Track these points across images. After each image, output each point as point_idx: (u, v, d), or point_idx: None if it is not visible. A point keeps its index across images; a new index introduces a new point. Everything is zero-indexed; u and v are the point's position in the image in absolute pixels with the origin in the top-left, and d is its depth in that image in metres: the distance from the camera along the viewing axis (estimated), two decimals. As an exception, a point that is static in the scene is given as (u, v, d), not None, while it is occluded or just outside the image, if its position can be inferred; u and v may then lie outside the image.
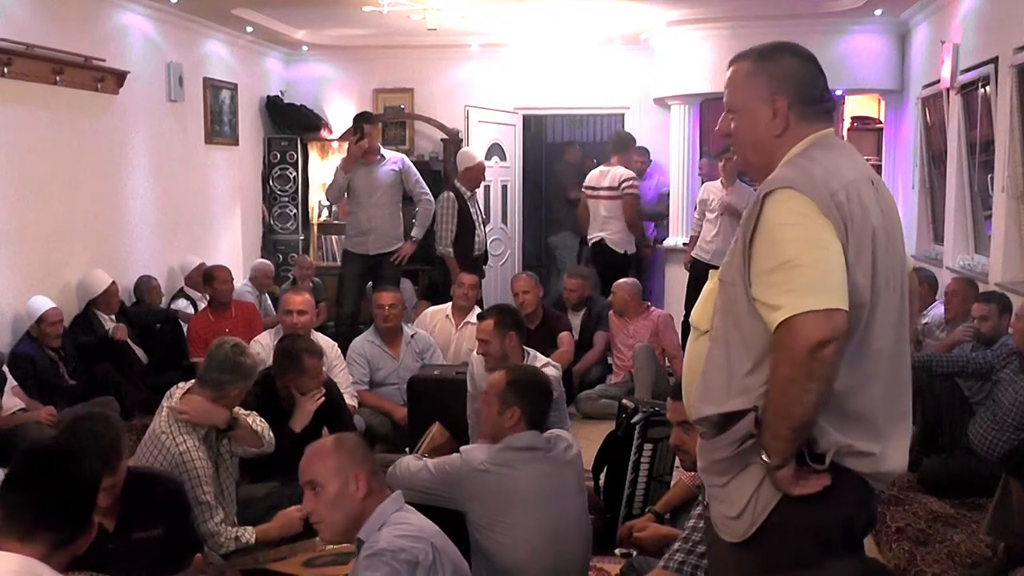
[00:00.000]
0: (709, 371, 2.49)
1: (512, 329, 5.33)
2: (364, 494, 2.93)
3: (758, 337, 2.38)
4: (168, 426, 4.31)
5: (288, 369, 5.13)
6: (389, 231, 8.48)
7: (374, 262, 8.47)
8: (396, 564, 2.68)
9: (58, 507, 2.33)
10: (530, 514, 3.81)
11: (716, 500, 2.53)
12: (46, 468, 2.37)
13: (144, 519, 3.65)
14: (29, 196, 7.06)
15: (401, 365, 6.92)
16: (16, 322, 6.90)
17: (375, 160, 8.38)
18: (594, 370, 8.22)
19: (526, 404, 3.99)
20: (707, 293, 2.63)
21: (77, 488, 2.39)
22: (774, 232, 2.34)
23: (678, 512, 4.46)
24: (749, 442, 2.38)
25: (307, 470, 3.01)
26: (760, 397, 2.38)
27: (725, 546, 2.52)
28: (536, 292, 7.77)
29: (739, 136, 2.61)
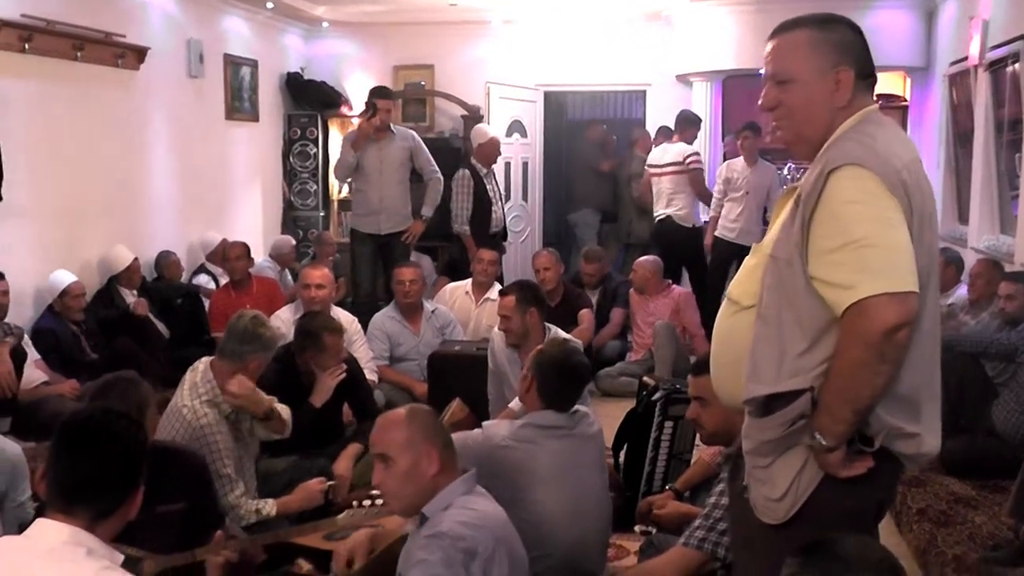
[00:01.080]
0: (759, 350, 2.43)
1: (533, 305, 5.32)
2: (436, 470, 2.89)
3: (814, 316, 2.33)
4: (190, 399, 4.33)
5: (308, 346, 5.14)
6: (400, 209, 8.35)
7: (384, 241, 8.33)
8: (453, 552, 2.64)
9: (90, 482, 2.30)
10: (551, 490, 3.80)
11: (758, 482, 2.48)
12: (77, 442, 2.35)
13: (167, 493, 3.66)
14: (50, 172, 7.08)
15: (421, 341, 6.92)
16: (38, 297, 6.94)
17: (385, 136, 8.21)
18: (613, 347, 8.21)
19: (539, 376, 3.97)
20: (750, 268, 2.58)
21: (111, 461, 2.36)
22: (840, 210, 2.28)
23: (698, 490, 4.45)
24: (800, 423, 2.34)
25: (379, 442, 2.95)
26: (816, 378, 2.34)
27: (758, 528, 2.49)
28: (557, 269, 7.76)
29: (792, 108, 2.49)
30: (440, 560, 2.62)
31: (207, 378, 4.40)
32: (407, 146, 8.31)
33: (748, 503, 2.52)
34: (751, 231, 8.99)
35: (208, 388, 4.37)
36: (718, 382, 2.67)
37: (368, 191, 8.25)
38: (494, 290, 7.45)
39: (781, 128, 2.56)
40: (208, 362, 4.47)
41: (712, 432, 3.63)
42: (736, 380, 2.51)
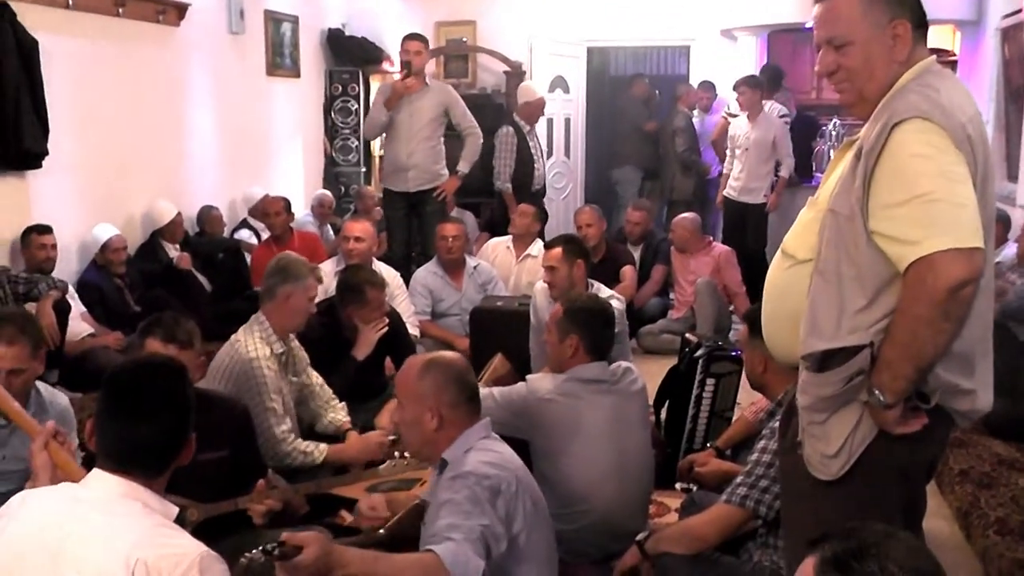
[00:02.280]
0: (817, 305, 2.41)
1: (580, 257, 5.33)
2: (435, 427, 2.89)
3: (875, 272, 2.30)
4: (244, 334, 4.43)
5: (350, 300, 5.15)
6: (430, 166, 7.88)
7: (416, 199, 7.92)
8: (479, 489, 2.65)
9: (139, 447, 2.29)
10: (594, 445, 3.80)
11: (813, 438, 2.46)
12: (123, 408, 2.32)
13: (210, 440, 3.67)
14: (93, 128, 7.11)
15: (464, 296, 6.92)
16: (83, 251, 7.01)
17: (419, 88, 7.77)
18: (655, 305, 8.18)
19: (583, 331, 3.96)
20: (806, 221, 2.55)
21: (158, 422, 2.33)
22: (906, 164, 2.23)
23: (739, 448, 4.43)
24: (858, 379, 2.31)
25: (397, 383, 3.02)
26: (875, 334, 2.31)
27: (808, 484, 2.48)
28: (600, 226, 7.71)
29: (852, 71, 2.44)
30: (466, 498, 2.62)
31: (259, 320, 4.51)
32: (441, 100, 7.89)
33: (799, 459, 2.50)
34: (751, 188, 8.92)
35: (261, 329, 4.47)
36: (771, 336, 2.65)
37: (397, 147, 7.87)
38: (535, 246, 7.44)
39: (842, 91, 2.51)
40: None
41: (749, 380, 3.74)
42: (791, 335, 2.49)
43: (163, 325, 3.61)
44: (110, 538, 2.15)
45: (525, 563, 2.74)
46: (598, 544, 3.82)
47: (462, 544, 2.47)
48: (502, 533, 2.64)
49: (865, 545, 1.56)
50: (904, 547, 1.57)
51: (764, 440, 3.42)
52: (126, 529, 2.18)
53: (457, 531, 2.51)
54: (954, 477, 4.72)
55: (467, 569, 2.43)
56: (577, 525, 3.76)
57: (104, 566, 2.11)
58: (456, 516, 2.57)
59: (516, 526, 2.71)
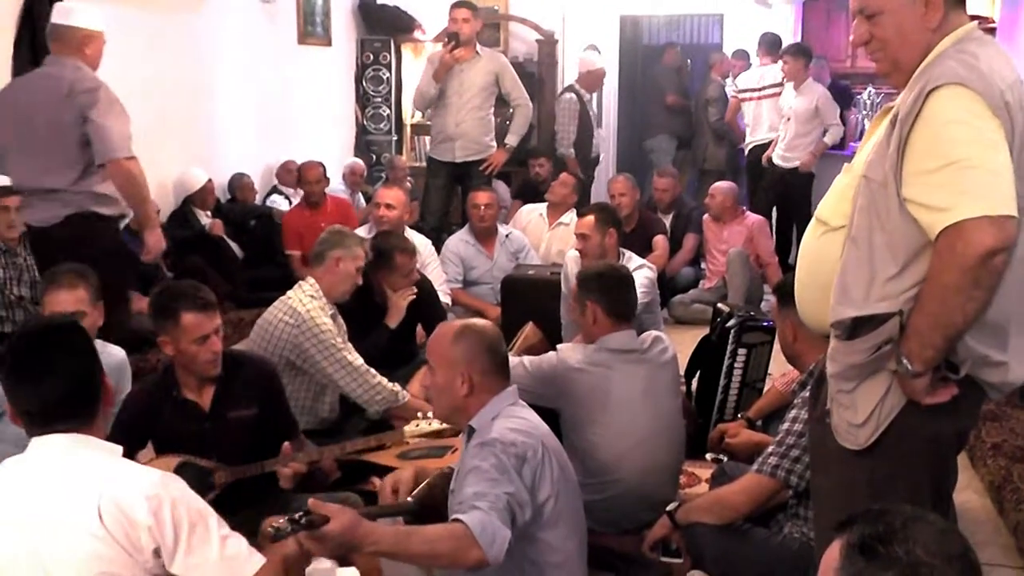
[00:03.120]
0: (848, 272, 2.38)
1: (612, 225, 5.32)
2: (466, 393, 2.89)
3: (906, 240, 2.27)
4: (295, 292, 4.58)
5: (380, 265, 5.17)
6: (478, 137, 7.74)
7: (461, 171, 7.80)
8: (505, 457, 2.65)
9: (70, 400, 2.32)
10: (624, 415, 3.79)
11: (841, 406, 2.44)
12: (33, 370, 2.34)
13: (239, 399, 3.73)
14: (125, 95, 7.09)
15: (495, 265, 6.93)
16: (115, 217, 7.03)
17: (469, 56, 7.63)
18: (686, 275, 8.15)
19: (599, 295, 3.95)
20: (841, 188, 2.53)
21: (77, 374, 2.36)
22: (941, 130, 2.20)
23: (770, 419, 4.42)
24: (887, 348, 2.29)
25: (429, 348, 3.02)
26: (906, 302, 2.29)
27: (837, 454, 2.46)
28: (633, 195, 7.67)
29: (885, 40, 2.41)
30: (493, 466, 2.63)
31: (310, 282, 4.64)
32: (492, 69, 7.73)
33: (829, 428, 2.49)
34: (788, 157, 8.84)
35: (313, 289, 4.59)
36: (803, 303, 2.63)
37: (445, 116, 7.70)
38: (568, 215, 7.43)
39: (877, 61, 2.48)
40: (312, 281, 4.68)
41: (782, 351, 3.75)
42: (822, 302, 2.47)
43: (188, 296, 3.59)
44: (71, 490, 2.20)
45: (552, 529, 2.75)
46: (628, 514, 3.82)
47: (489, 513, 2.47)
48: (527, 501, 2.64)
49: (892, 529, 1.54)
50: (932, 530, 1.55)
51: (795, 410, 3.41)
52: (84, 473, 2.23)
53: (484, 499, 2.52)
54: (986, 450, 4.68)
55: (495, 538, 2.44)
56: (607, 495, 3.76)
57: (75, 518, 2.16)
58: (482, 484, 2.57)
59: (542, 493, 2.72)
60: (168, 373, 3.68)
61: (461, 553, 2.42)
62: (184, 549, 2.21)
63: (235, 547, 2.28)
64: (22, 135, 4.77)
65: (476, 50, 7.72)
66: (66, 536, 2.16)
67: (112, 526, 2.15)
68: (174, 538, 2.20)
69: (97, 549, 2.15)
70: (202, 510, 2.28)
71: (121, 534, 2.16)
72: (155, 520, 2.18)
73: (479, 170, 7.72)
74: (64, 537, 2.16)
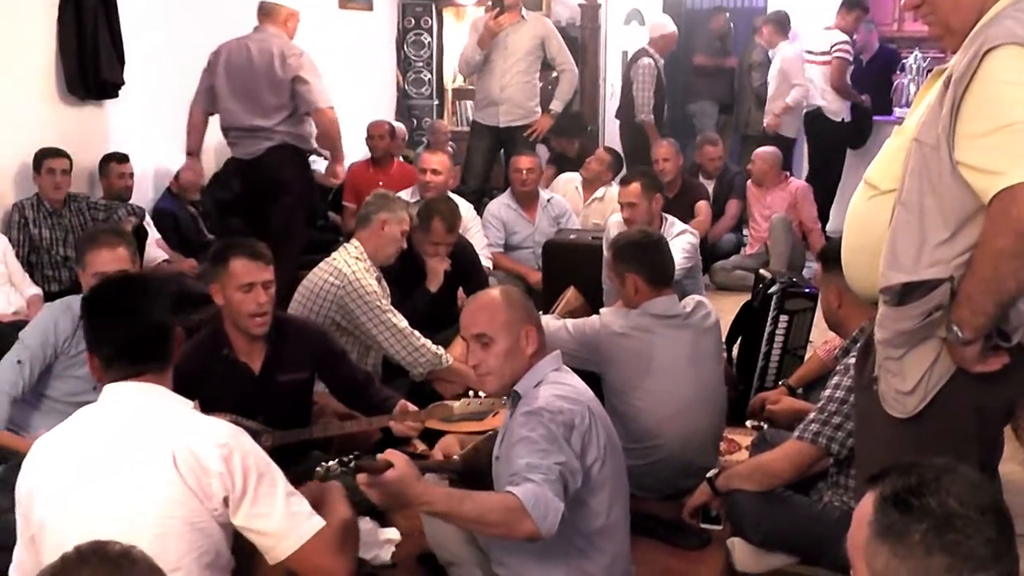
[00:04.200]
0: (898, 237, 2.34)
1: (657, 191, 5.32)
2: (534, 349, 2.87)
3: (958, 204, 2.23)
4: (339, 255, 4.63)
5: (419, 227, 5.19)
6: (523, 102, 7.63)
7: (505, 136, 7.70)
8: (553, 427, 2.63)
9: (149, 343, 2.39)
10: (666, 380, 3.78)
11: (889, 374, 2.41)
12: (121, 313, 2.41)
13: (290, 363, 3.77)
14: (168, 59, 7.16)
15: (537, 229, 6.91)
16: (158, 180, 7.14)
17: (515, 20, 7.53)
18: (728, 241, 8.11)
19: (637, 265, 3.93)
20: (891, 150, 2.48)
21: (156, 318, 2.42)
22: (996, 91, 2.15)
23: (811, 386, 4.39)
24: (936, 314, 2.26)
25: (475, 323, 2.92)
26: (957, 268, 2.25)
27: (884, 422, 2.43)
28: (677, 160, 7.63)
29: (936, 3, 2.36)
30: (542, 436, 2.61)
31: (354, 244, 4.69)
32: (538, 33, 7.62)
33: (875, 396, 2.46)
34: None
35: (358, 251, 4.64)
36: (850, 268, 2.60)
37: (490, 80, 7.62)
38: (602, 190, 7.41)
39: (929, 24, 2.43)
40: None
41: (824, 318, 3.73)
42: (871, 267, 2.43)
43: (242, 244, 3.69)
44: (146, 436, 2.24)
45: (598, 493, 2.74)
46: (669, 479, 3.82)
47: (542, 486, 2.47)
48: (578, 468, 2.64)
49: (924, 481, 1.53)
50: (965, 482, 1.54)
51: (838, 377, 3.38)
52: (159, 421, 2.28)
53: (536, 471, 2.51)
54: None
55: (547, 512, 2.43)
56: (648, 460, 3.76)
57: (149, 463, 2.20)
58: (533, 455, 2.56)
59: (589, 458, 2.71)
60: (218, 332, 3.72)
61: (513, 525, 2.42)
62: (250, 499, 2.23)
63: (298, 505, 2.29)
64: (237, 86, 6.04)
65: (521, 14, 7.66)
66: (141, 480, 2.19)
67: (185, 472, 2.19)
68: (242, 487, 2.22)
69: (170, 494, 2.19)
70: (270, 464, 2.31)
71: (193, 480, 2.19)
72: (226, 468, 2.20)
73: (523, 136, 7.65)
74: (139, 481, 2.19)
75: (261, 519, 2.25)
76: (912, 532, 1.49)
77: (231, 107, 6.08)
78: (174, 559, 2.18)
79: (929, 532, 1.48)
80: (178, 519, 2.20)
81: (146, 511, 2.19)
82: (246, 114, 6.03)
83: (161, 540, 2.17)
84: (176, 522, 2.20)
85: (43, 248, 5.87)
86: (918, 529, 1.49)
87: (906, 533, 1.49)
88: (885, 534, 1.52)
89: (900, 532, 1.50)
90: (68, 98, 6.35)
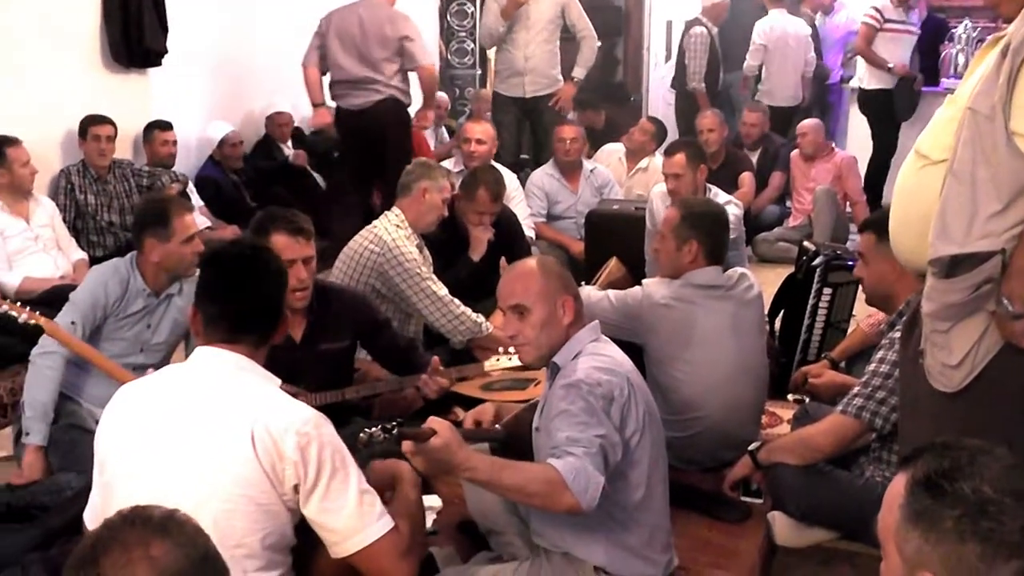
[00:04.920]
0: (949, 208, 2.29)
1: (702, 162, 5.29)
2: (571, 320, 2.85)
3: (1013, 175, 2.18)
4: (381, 222, 4.64)
5: (462, 195, 5.18)
6: (547, 71, 7.61)
7: (531, 106, 7.65)
8: (592, 400, 2.61)
9: (255, 312, 2.39)
10: (709, 352, 3.75)
11: (936, 347, 2.37)
12: (238, 275, 2.42)
13: (331, 331, 3.78)
14: (211, 28, 7.20)
15: (579, 199, 6.88)
16: (200, 148, 7.18)
17: None
18: (771, 212, 8.05)
19: (703, 236, 3.88)
20: (944, 120, 2.43)
21: (269, 291, 2.44)
22: None
23: (854, 360, 4.36)
24: (986, 287, 2.22)
25: (512, 294, 2.89)
26: (1008, 240, 2.20)
27: (929, 396, 2.39)
28: (721, 131, 7.59)
29: None
30: (581, 409, 2.59)
31: (395, 211, 4.70)
32: (558, 1, 7.57)
33: (920, 369, 2.43)
34: None
35: (398, 219, 4.65)
36: (898, 239, 2.56)
37: (513, 50, 7.58)
38: (646, 160, 7.37)
39: None
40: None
41: (869, 293, 3.65)
42: (920, 238, 2.38)
43: (284, 218, 3.68)
44: (229, 410, 2.23)
45: (638, 466, 2.73)
46: (710, 452, 3.80)
47: (582, 459, 2.45)
48: (618, 442, 2.62)
49: (958, 464, 1.49)
50: (1000, 466, 1.50)
51: (883, 351, 3.34)
52: (243, 396, 2.27)
53: (577, 445, 2.49)
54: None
55: (588, 485, 2.42)
56: (689, 433, 3.74)
57: (229, 439, 2.19)
58: (573, 429, 2.55)
59: (629, 430, 2.69)
60: None
61: (553, 497, 2.41)
62: (322, 493, 2.21)
63: (370, 504, 2.27)
64: (348, 44, 6.73)
65: None
66: (216, 454, 2.19)
67: (261, 453, 2.17)
68: (315, 479, 2.20)
69: (243, 472, 2.17)
70: (346, 459, 2.28)
71: (268, 463, 2.17)
72: (301, 457, 2.18)
73: (548, 105, 7.60)
74: (214, 455, 2.19)
75: (330, 515, 2.24)
76: (944, 518, 1.46)
77: (343, 63, 6.73)
78: (238, 536, 2.18)
79: (962, 519, 1.45)
80: (248, 498, 2.18)
81: (217, 485, 2.18)
82: (358, 67, 6.70)
83: (227, 516, 2.17)
84: (245, 501, 2.19)
85: (88, 213, 5.94)
86: (951, 515, 1.45)
87: (938, 519, 1.46)
88: (916, 519, 1.49)
89: (932, 518, 1.47)
90: (113, 66, 6.40)
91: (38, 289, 5.07)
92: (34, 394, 3.68)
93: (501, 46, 7.70)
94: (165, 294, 3.94)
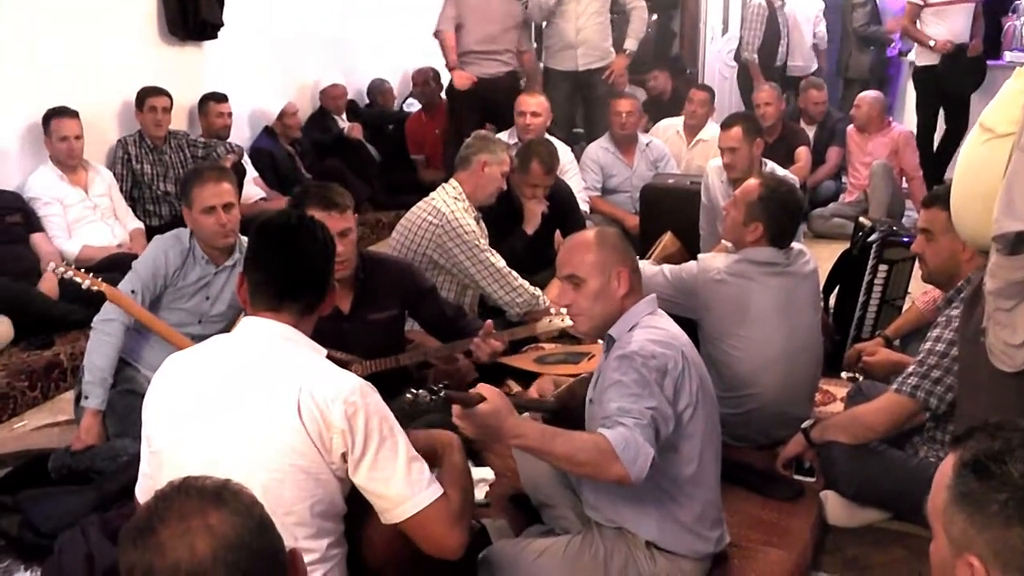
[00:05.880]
0: (1015, 183, 2.25)
1: (758, 135, 5.26)
2: (625, 291, 2.84)
3: None
4: (439, 194, 4.68)
5: (518, 168, 5.18)
6: (599, 43, 7.43)
7: (583, 79, 7.47)
8: (645, 372, 2.60)
9: (299, 280, 2.39)
10: (764, 327, 3.72)
11: (999, 325, 2.34)
12: (283, 244, 2.43)
13: (378, 301, 3.80)
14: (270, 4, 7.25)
15: (635, 173, 6.85)
16: (254, 119, 7.24)
17: None
18: (827, 188, 7.96)
19: (772, 222, 3.82)
20: (1012, 93, 2.39)
21: (314, 259, 2.45)
22: None
23: (909, 338, 4.32)
24: None
25: (568, 264, 2.91)
26: None
27: (990, 376, 2.37)
28: (778, 105, 7.52)
29: None
30: (634, 380, 2.58)
31: (453, 184, 4.73)
32: None
33: (982, 348, 2.40)
34: None
35: (456, 192, 4.69)
36: (960, 215, 2.52)
37: (562, 23, 7.39)
38: (706, 130, 7.30)
39: None
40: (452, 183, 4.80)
41: (932, 270, 3.53)
42: (983, 214, 2.35)
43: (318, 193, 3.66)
44: (276, 379, 2.24)
45: (690, 440, 2.72)
46: (763, 429, 3.78)
47: (633, 430, 2.45)
48: (670, 415, 2.61)
49: (1010, 447, 1.45)
50: None
51: (939, 329, 3.29)
52: (289, 365, 2.27)
53: (628, 416, 2.49)
54: None
55: (637, 456, 2.41)
56: (743, 409, 3.72)
57: (276, 407, 2.20)
58: (625, 399, 2.54)
59: (681, 403, 2.68)
60: None
61: (603, 467, 2.40)
62: (370, 462, 2.22)
63: (419, 473, 2.27)
64: (479, 17, 7.21)
65: None
66: (264, 424, 2.20)
67: (308, 422, 2.18)
68: (363, 448, 2.21)
69: (291, 441, 2.18)
70: (394, 427, 2.28)
71: (315, 432, 2.18)
72: (348, 426, 2.19)
73: (601, 79, 7.45)
74: (262, 425, 2.20)
75: (379, 483, 2.24)
76: (991, 501, 1.42)
77: (473, 32, 7.22)
78: (287, 504, 2.19)
79: (1009, 503, 1.41)
80: (296, 467, 2.19)
81: (265, 454, 2.19)
82: (489, 39, 7.24)
83: (276, 484, 2.18)
84: (294, 469, 2.19)
85: (144, 183, 6.01)
86: (997, 499, 1.42)
87: (985, 502, 1.43)
88: (963, 501, 1.45)
89: (978, 501, 1.44)
90: (169, 39, 6.49)
91: (96, 257, 5.15)
92: (93, 359, 3.74)
93: (551, 19, 7.53)
94: (223, 266, 3.97)
